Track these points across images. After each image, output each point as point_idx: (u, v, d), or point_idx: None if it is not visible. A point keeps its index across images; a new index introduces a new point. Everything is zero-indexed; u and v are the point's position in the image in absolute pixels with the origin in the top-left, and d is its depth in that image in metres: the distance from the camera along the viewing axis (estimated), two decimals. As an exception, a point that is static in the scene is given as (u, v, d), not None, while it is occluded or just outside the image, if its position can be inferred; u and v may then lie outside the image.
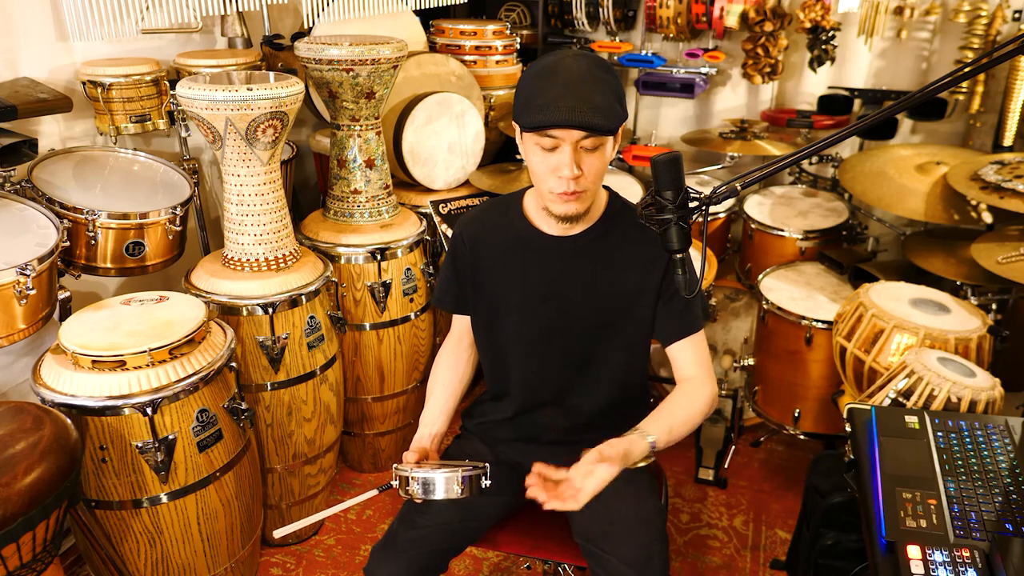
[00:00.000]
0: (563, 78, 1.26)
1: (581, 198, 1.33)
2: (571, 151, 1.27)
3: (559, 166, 1.28)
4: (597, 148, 1.29)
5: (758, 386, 2.57)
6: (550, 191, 1.33)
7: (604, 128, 1.25)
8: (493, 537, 1.57)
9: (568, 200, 1.33)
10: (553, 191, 1.32)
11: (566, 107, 1.23)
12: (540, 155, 1.30)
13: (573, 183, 1.29)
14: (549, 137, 1.27)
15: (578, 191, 1.31)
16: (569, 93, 1.24)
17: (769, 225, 2.73)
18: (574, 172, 1.27)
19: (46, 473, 1.32)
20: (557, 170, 1.29)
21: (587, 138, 1.26)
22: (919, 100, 1.10)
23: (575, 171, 1.27)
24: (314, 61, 2.12)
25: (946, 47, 2.73)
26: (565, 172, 1.28)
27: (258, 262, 2.03)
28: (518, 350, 1.52)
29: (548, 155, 1.29)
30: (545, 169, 1.31)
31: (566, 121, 1.23)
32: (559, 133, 1.26)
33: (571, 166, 1.27)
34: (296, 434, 2.12)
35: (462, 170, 2.71)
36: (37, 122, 2.06)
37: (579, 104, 1.23)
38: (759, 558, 2.24)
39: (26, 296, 1.61)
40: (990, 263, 1.94)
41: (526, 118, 1.28)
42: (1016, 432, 1.33)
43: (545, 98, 1.25)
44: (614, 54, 3.14)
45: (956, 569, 1.03)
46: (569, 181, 1.29)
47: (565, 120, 1.23)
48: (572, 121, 1.23)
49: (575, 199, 1.33)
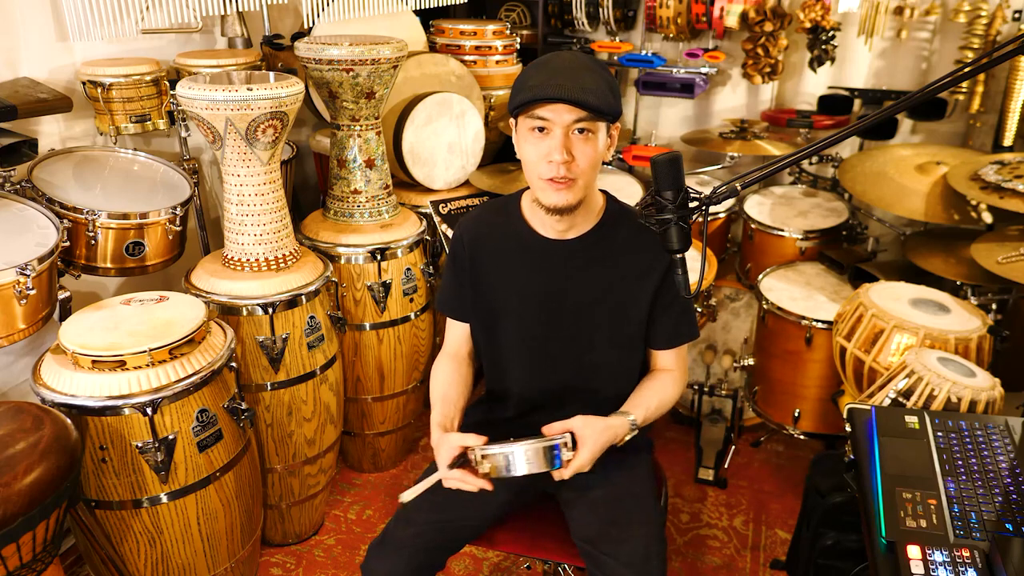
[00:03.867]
0: (556, 63, 1.30)
1: (572, 187, 1.32)
2: (562, 135, 1.27)
3: (550, 151, 1.28)
4: (589, 136, 1.29)
5: (758, 386, 2.57)
6: (540, 178, 1.32)
7: (595, 107, 1.25)
8: (492, 536, 1.57)
9: (559, 187, 1.31)
10: (543, 177, 1.31)
11: (557, 85, 1.25)
12: (532, 141, 1.31)
13: (563, 168, 1.29)
14: (540, 119, 1.27)
15: (569, 177, 1.30)
16: (561, 75, 1.27)
17: (769, 225, 2.73)
18: (564, 156, 1.27)
19: (46, 473, 1.32)
20: (548, 155, 1.28)
21: (579, 122, 1.27)
22: (919, 100, 1.10)
23: (565, 155, 1.27)
24: (314, 61, 2.12)
25: (946, 47, 2.73)
26: (556, 156, 1.27)
27: (258, 262, 2.03)
28: (516, 352, 1.52)
29: (539, 141, 1.29)
30: (536, 155, 1.31)
31: (556, 95, 1.24)
32: (550, 115, 1.27)
33: (561, 150, 1.27)
34: (296, 434, 2.12)
35: (462, 170, 2.71)
36: (37, 122, 2.06)
37: (570, 84, 1.25)
38: (759, 558, 2.24)
39: (26, 296, 1.61)
40: (990, 263, 1.94)
41: (517, 99, 1.30)
42: (1016, 432, 1.33)
43: (537, 79, 1.28)
44: (614, 54, 3.14)
45: (956, 569, 1.03)
46: (559, 166, 1.28)
47: (555, 94, 1.24)
48: (562, 95, 1.24)
49: (566, 186, 1.31)
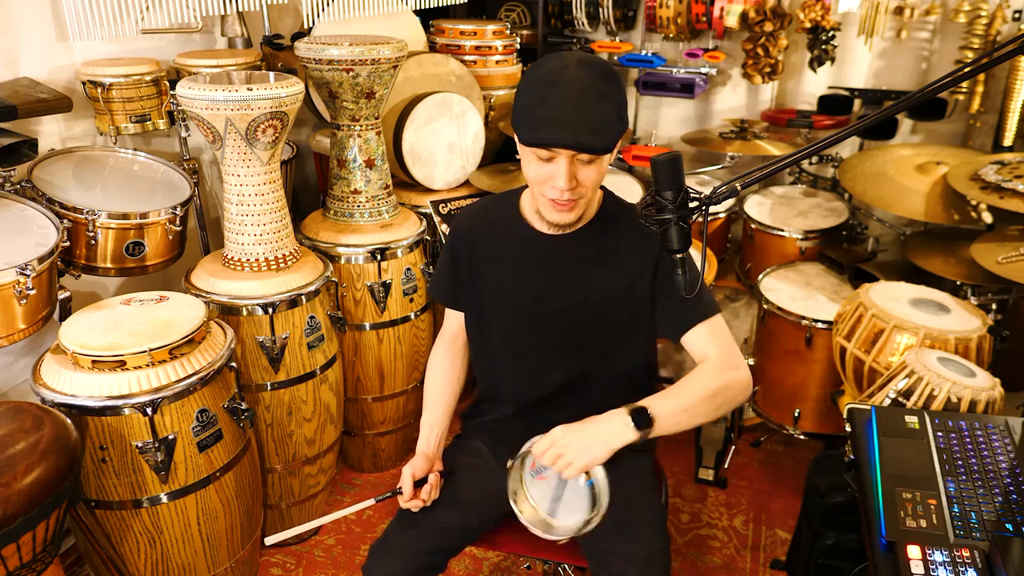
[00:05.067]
0: (563, 92, 1.23)
1: (575, 207, 1.34)
2: (567, 164, 1.26)
3: (555, 176, 1.28)
4: (594, 160, 1.29)
5: (758, 386, 2.57)
6: (544, 197, 1.33)
7: (600, 148, 1.25)
8: (493, 537, 1.57)
9: (561, 209, 1.34)
10: (547, 197, 1.33)
11: (564, 124, 1.21)
12: (536, 164, 1.30)
13: (568, 193, 1.30)
14: (545, 149, 1.27)
15: (572, 200, 1.32)
16: (568, 109, 1.22)
17: (769, 225, 2.73)
18: (569, 184, 1.28)
19: (46, 473, 1.32)
20: (552, 180, 1.29)
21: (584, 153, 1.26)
22: (919, 100, 1.10)
23: (570, 183, 1.28)
24: (314, 61, 2.12)
25: (946, 47, 2.73)
26: (560, 183, 1.28)
27: (258, 262, 2.03)
28: (510, 348, 1.52)
29: (544, 165, 1.29)
30: (540, 177, 1.31)
31: (562, 141, 1.23)
32: (555, 150, 1.26)
33: (566, 178, 1.27)
34: (296, 434, 2.12)
35: (462, 170, 2.71)
36: (37, 122, 2.06)
37: (577, 121, 1.22)
38: (759, 558, 2.24)
39: (26, 296, 1.61)
40: (990, 263, 1.94)
41: (524, 132, 1.27)
42: (1016, 432, 1.33)
43: (544, 111, 1.23)
44: (614, 54, 3.14)
45: (956, 569, 1.03)
46: (564, 191, 1.29)
47: (561, 140, 1.23)
48: (568, 142, 1.22)
49: (568, 208, 1.34)
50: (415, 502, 1.42)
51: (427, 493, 1.43)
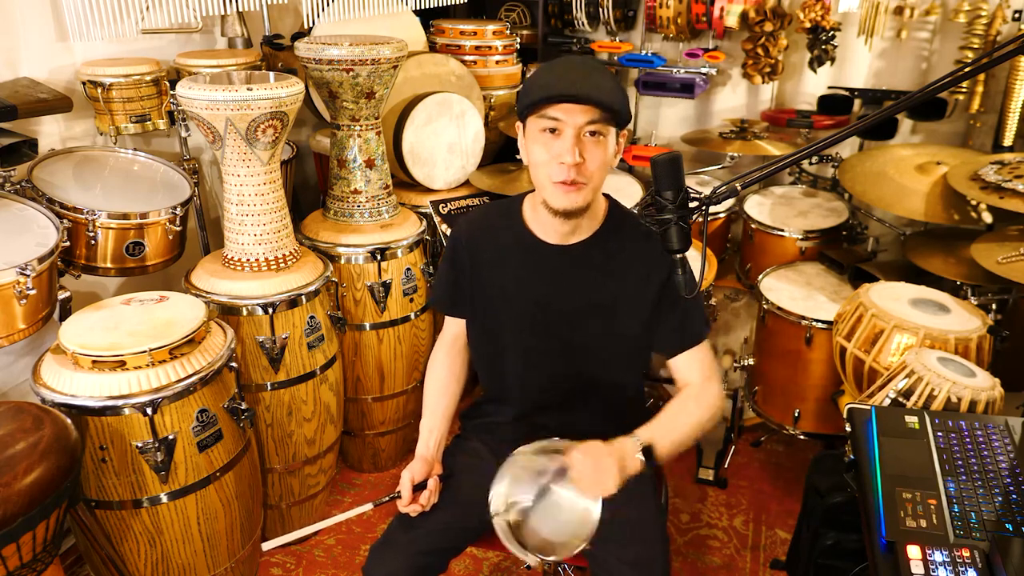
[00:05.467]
0: (566, 64, 1.30)
1: (582, 190, 1.31)
2: (573, 136, 1.25)
3: (561, 152, 1.26)
4: (600, 139, 1.28)
5: (758, 386, 2.57)
6: (550, 180, 1.30)
7: (608, 105, 1.24)
8: (493, 537, 1.56)
9: (568, 191, 1.30)
10: (553, 179, 1.30)
11: (570, 83, 1.25)
12: (541, 142, 1.29)
13: (574, 171, 1.27)
14: (552, 119, 1.26)
15: (579, 181, 1.29)
16: (573, 74, 1.27)
17: (769, 225, 2.73)
18: (575, 158, 1.25)
19: (46, 473, 1.32)
20: (559, 156, 1.27)
21: (591, 124, 1.26)
22: (919, 100, 1.10)
23: (576, 157, 1.26)
24: (314, 61, 2.12)
25: (946, 47, 2.72)
26: (567, 158, 1.25)
27: (258, 262, 2.03)
28: (514, 356, 1.52)
29: (550, 141, 1.28)
30: (546, 157, 1.29)
31: (570, 92, 1.23)
32: (562, 115, 1.25)
33: (573, 151, 1.25)
34: (296, 434, 2.12)
35: (462, 170, 2.71)
36: (37, 122, 2.06)
37: (583, 82, 1.25)
38: (759, 558, 2.24)
39: (26, 296, 1.61)
40: (990, 263, 1.94)
41: (528, 99, 1.28)
42: (1016, 432, 1.33)
43: (548, 78, 1.28)
44: (614, 54, 3.14)
45: (956, 569, 1.03)
46: (570, 168, 1.27)
47: (569, 91, 1.23)
48: (576, 92, 1.23)
49: (575, 190, 1.30)
50: (414, 507, 1.40)
51: (426, 498, 1.41)
